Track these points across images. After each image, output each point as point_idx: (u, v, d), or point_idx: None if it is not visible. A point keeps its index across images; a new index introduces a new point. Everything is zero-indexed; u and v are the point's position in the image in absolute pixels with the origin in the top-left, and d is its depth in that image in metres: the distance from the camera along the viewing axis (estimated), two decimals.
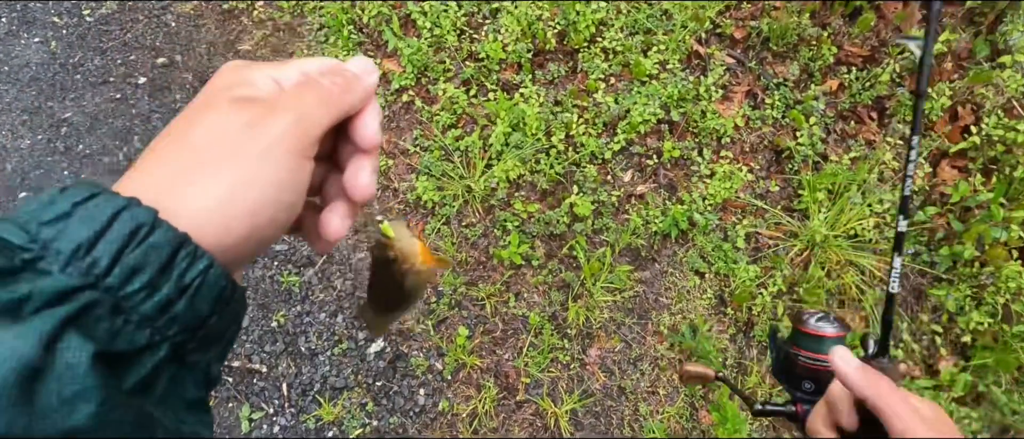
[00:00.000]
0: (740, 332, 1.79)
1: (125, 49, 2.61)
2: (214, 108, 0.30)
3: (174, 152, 0.28)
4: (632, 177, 2.01)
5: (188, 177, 0.27)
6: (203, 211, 0.27)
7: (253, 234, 0.28)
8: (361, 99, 0.33)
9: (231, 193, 0.27)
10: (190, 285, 0.25)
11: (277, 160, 0.29)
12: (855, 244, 1.84)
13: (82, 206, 0.24)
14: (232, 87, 0.31)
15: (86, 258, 0.23)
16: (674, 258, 1.89)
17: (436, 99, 2.21)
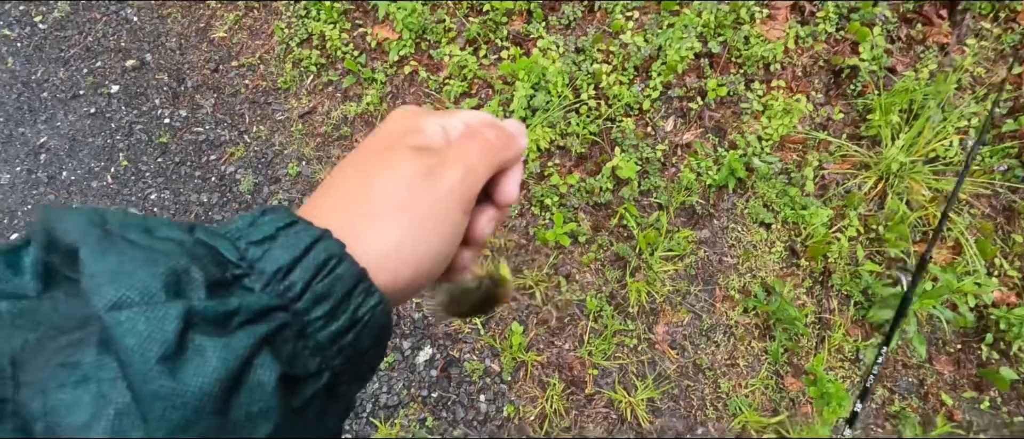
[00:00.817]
0: (817, 283, 1.64)
1: (89, 55, 2.35)
2: (396, 153, 0.31)
3: (359, 192, 0.30)
4: (675, 125, 1.79)
5: (370, 220, 0.29)
6: (379, 255, 0.28)
7: (413, 283, 0.30)
8: (515, 157, 0.35)
9: (403, 242, 0.29)
10: (361, 319, 0.27)
11: (445, 215, 0.30)
12: (936, 168, 1.64)
13: (285, 231, 0.26)
14: (408, 134, 0.32)
15: (284, 281, 0.25)
16: (735, 211, 1.70)
17: (441, 65, 1.96)
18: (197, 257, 0.23)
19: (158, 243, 0.23)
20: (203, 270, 0.23)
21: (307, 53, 2.08)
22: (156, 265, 0.22)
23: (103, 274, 0.21)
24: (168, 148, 2.12)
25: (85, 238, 0.22)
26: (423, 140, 0.32)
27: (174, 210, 2.01)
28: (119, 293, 0.21)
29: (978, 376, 1.59)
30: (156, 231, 0.24)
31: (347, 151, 1.98)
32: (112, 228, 0.23)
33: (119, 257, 0.21)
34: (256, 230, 0.26)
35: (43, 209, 0.24)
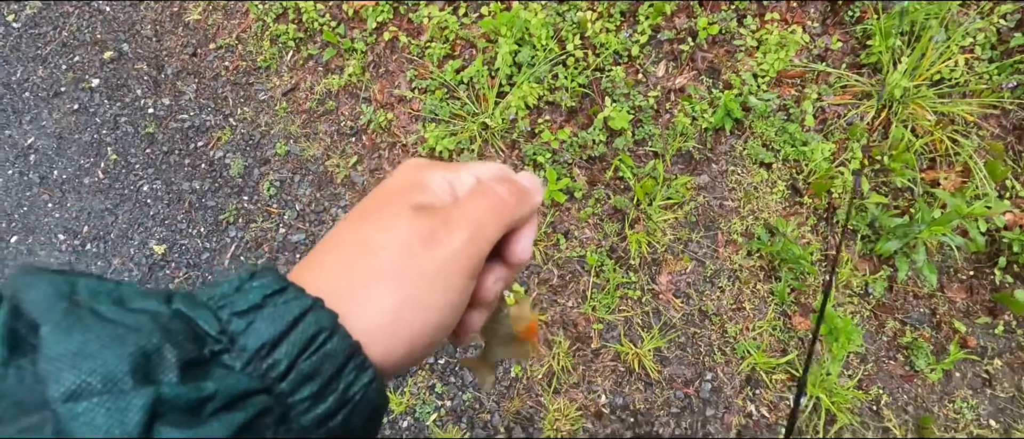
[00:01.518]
0: (822, 220, 1.59)
1: (66, 51, 2.30)
2: (395, 215, 0.29)
3: (354, 255, 0.27)
4: (667, 70, 1.73)
5: (366, 287, 0.26)
6: (374, 326, 0.26)
7: (410, 355, 0.27)
8: (529, 214, 0.32)
9: (401, 312, 0.27)
10: (351, 399, 0.24)
11: (447, 282, 0.28)
12: (941, 91, 1.57)
13: (272, 299, 0.24)
14: (410, 190, 0.30)
15: (268, 358, 0.23)
16: (733, 154, 1.65)
17: (422, 29, 1.90)
18: (172, 332, 0.21)
19: (130, 316, 0.21)
20: (177, 348, 0.21)
21: (284, 28, 2.02)
22: (124, 344, 0.20)
23: (64, 357, 0.19)
24: (155, 138, 2.09)
25: (49, 313, 0.20)
26: (427, 198, 0.30)
27: (167, 200, 2.00)
28: (79, 379, 0.18)
29: (992, 301, 1.56)
30: (129, 302, 0.22)
31: (333, 126, 1.94)
32: (81, 299, 0.21)
33: (83, 336, 0.19)
34: (242, 297, 0.24)
35: (15, 272, 0.22)
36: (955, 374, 1.51)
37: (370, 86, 1.92)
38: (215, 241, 1.90)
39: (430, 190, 0.30)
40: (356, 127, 1.91)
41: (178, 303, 0.23)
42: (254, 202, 1.92)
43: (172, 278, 1.88)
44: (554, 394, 1.55)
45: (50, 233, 2.06)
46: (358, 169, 1.87)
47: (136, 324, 0.20)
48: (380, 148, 1.87)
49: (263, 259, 1.83)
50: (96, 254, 1.99)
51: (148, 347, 0.20)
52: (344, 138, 1.92)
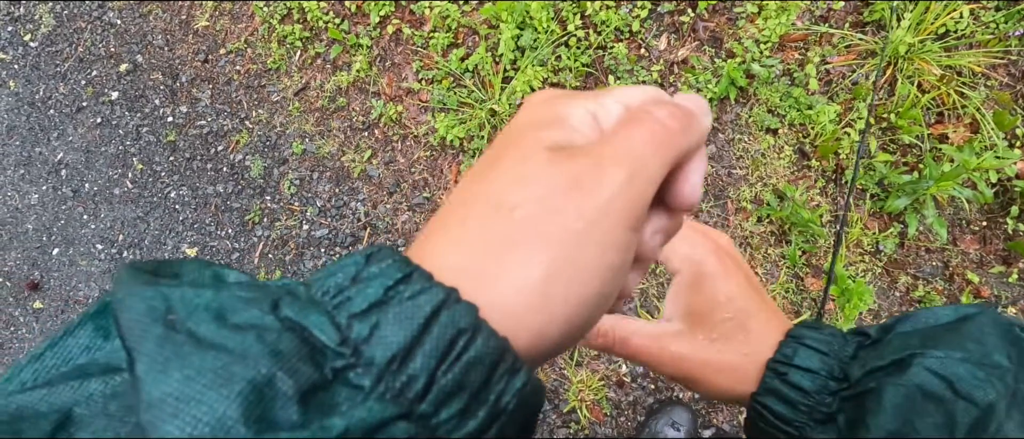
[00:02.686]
0: (830, 182, 1.62)
1: (83, 66, 2.38)
2: (530, 157, 0.23)
3: (485, 217, 0.22)
4: (669, 43, 1.74)
5: (503, 256, 0.21)
6: (520, 308, 0.21)
7: (567, 337, 0.22)
8: (697, 143, 0.26)
9: (551, 285, 0.21)
10: (505, 409, 0.20)
11: (605, 239, 0.22)
12: (946, 44, 1.57)
13: (395, 292, 0.20)
14: (544, 127, 0.24)
15: (400, 374, 0.18)
16: (739, 122, 1.67)
17: (424, 19, 1.93)
18: (284, 353, 0.18)
19: (233, 337, 0.18)
20: (292, 375, 0.17)
21: (290, 29, 2.06)
22: (231, 380, 0.16)
23: (164, 403, 0.16)
24: (177, 146, 2.16)
25: (142, 342, 0.17)
26: (566, 135, 0.24)
27: (194, 205, 2.08)
28: (185, 432, 0.16)
29: (1005, 250, 1.57)
30: (231, 314, 0.18)
31: (345, 122, 1.99)
32: (176, 318, 0.18)
33: (183, 371, 0.16)
34: (359, 291, 0.20)
35: (118, 277, 0.20)
36: None
37: (378, 80, 1.96)
38: (243, 241, 1.99)
39: (569, 125, 0.25)
40: (368, 122, 1.96)
41: (286, 309, 0.19)
42: (276, 201, 1.99)
43: None
44: (577, 367, 1.62)
45: (88, 243, 2.16)
46: (373, 163, 1.93)
47: (242, 349, 0.17)
48: (392, 141, 1.93)
49: (290, 256, 1.92)
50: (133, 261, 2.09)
51: (259, 380, 0.17)
52: (357, 133, 1.97)
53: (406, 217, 1.85)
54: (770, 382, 0.39)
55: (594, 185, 0.22)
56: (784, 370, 0.39)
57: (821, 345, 0.39)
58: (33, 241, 2.24)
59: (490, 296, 0.21)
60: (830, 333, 0.40)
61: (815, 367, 0.38)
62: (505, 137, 0.25)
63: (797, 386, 0.38)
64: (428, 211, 1.83)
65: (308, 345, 0.18)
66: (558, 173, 0.22)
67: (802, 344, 0.39)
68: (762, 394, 0.40)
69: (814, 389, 0.38)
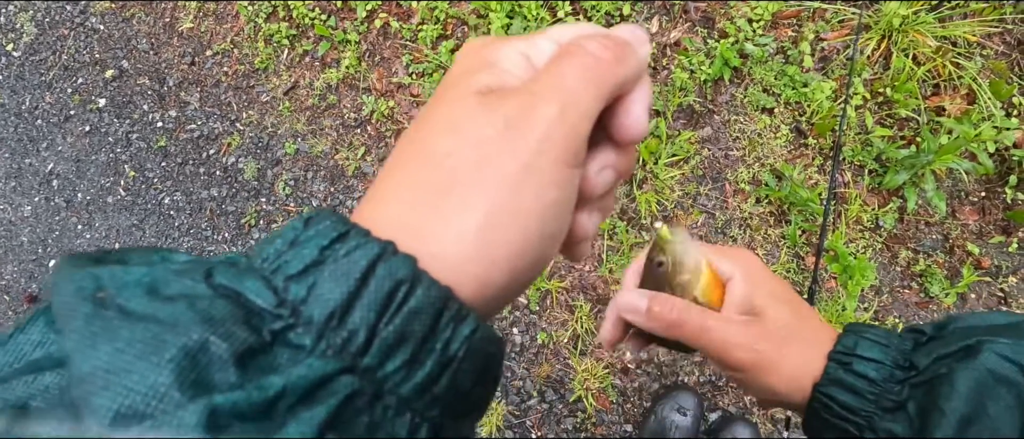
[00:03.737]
0: (828, 159, 1.61)
1: (68, 74, 2.34)
2: (459, 104, 0.23)
3: (418, 168, 0.22)
4: (661, 25, 1.72)
5: (439, 206, 0.21)
6: (461, 256, 0.21)
7: (514, 282, 0.22)
8: (634, 74, 0.25)
9: (489, 233, 0.21)
10: (455, 356, 0.20)
11: (542, 178, 0.22)
12: (940, 15, 1.55)
13: (331, 251, 0.19)
14: (474, 72, 0.24)
15: (341, 330, 0.18)
16: (734, 103, 1.66)
17: (412, 12, 1.90)
18: (216, 318, 0.17)
19: (163, 308, 0.17)
20: (227, 338, 0.17)
21: (276, 27, 2.03)
22: (161, 348, 0.16)
23: (94, 376, 0.16)
24: (168, 151, 2.14)
25: (71, 321, 0.17)
26: (496, 79, 0.23)
27: (189, 210, 2.06)
28: (115, 402, 0.15)
29: (1005, 219, 1.57)
30: (163, 287, 0.18)
31: (337, 120, 1.97)
32: (106, 295, 0.18)
33: (112, 345, 0.16)
34: (296, 254, 0.19)
35: (57, 265, 0.20)
36: (970, 295, 1.54)
37: (368, 76, 1.94)
38: (241, 244, 1.97)
39: (500, 67, 0.24)
40: (360, 118, 1.94)
41: (219, 276, 0.19)
42: (272, 203, 1.98)
43: None
44: (581, 356, 1.62)
45: None
46: (367, 160, 1.91)
47: (173, 318, 0.17)
48: (386, 136, 1.91)
49: None
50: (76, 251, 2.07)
51: (190, 346, 0.16)
52: (350, 130, 1.95)
53: None
54: (834, 372, 0.40)
55: (525, 124, 0.22)
56: (847, 360, 0.40)
57: (880, 338, 0.40)
58: (28, 253, 2.22)
59: (429, 247, 0.20)
60: (885, 330, 0.42)
61: (879, 357, 0.39)
62: (441, 88, 0.25)
63: (863, 375, 0.39)
64: None
65: (244, 309, 0.18)
66: (488, 116, 0.22)
67: (862, 337, 0.40)
68: (826, 384, 0.40)
69: (881, 378, 0.39)
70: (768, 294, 0.44)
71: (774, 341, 0.42)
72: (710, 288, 0.43)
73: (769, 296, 0.44)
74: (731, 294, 0.45)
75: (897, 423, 0.37)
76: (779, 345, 0.42)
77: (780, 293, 0.45)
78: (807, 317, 0.45)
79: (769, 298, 0.44)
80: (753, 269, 0.45)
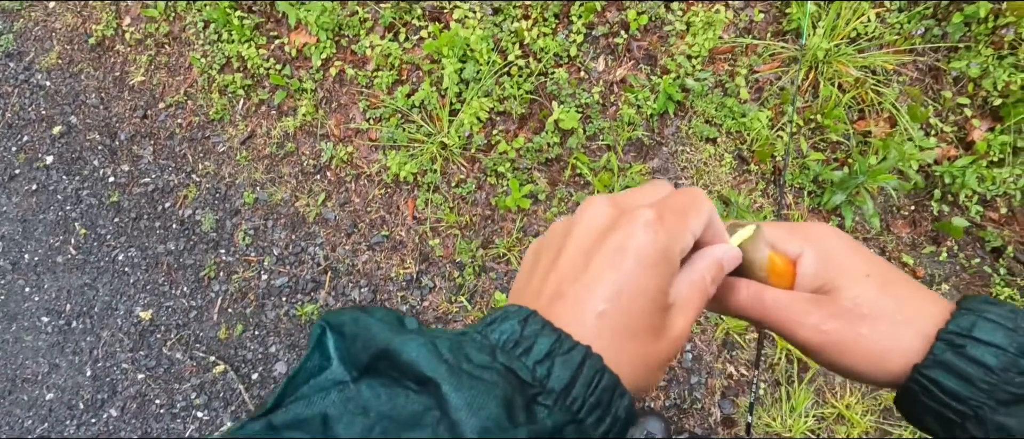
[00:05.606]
0: (770, 183, 1.70)
1: (12, 132, 2.29)
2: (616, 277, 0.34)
3: (614, 316, 0.33)
4: (606, 64, 1.81)
5: (622, 344, 0.32)
6: (628, 370, 0.32)
7: (650, 384, 0.35)
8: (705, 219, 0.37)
9: (647, 360, 0.33)
10: (619, 417, 0.31)
11: (679, 323, 0.35)
12: (859, 47, 1.68)
13: (558, 348, 0.30)
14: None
15: (568, 397, 0.29)
16: (680, 134, 1.75)
17: (367, 59, 1.94)
18: (511, 384, 0.28)
19: (487, 373, 0.28)
20: (520, 395, 0.28)
21: (230, 78, 2.04)
22: (495, 396, 0.27)
23: (464, 408, 0.26)
24: (121, 206, 2.10)
25: (438, 371, 0.27)
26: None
27: (145, 265, 2.02)
28: (481, 423, 0.26)
29: (934, 231, 1.69)
30: (473, 357, 0.29)
31: (296, 167, 1.98)
32: (450, 360, 0.28)
33: (470, 392, 0.27)
34: (534, 346, 0.30)
35: (363, 320, 0.30)
36: None
37: (325, 122, 1.96)
38: (200, 298, 1.94)
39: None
40: (319, 165, 1.96)
41: (502, 358, 0.29)
42: (232, 254, 1.96)
43: (164, 341, 1.92)
44: None
45: (32, 317, 2.07)
46: (328, 205, 1.92)
47: (493, 379, 0.27)
48: (346, 181, 1.92)
49: (250, 308, 1.88)
50: (84, 330, 2.01)
51: (508, 396, 0.27)
52: (309, 177, 1.96)
53: (366, 257, 1.85)
54: (941, 354, 0.36)
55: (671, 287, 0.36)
56: (962, 342, 0.35)
57: (1005, 319, 0.35)
58: None
59: (610, 360, 0.32)
60: (1011, 308, 0.37)
61: (1001, 342, 0.35)
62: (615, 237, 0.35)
63: (978, 361, 0.35)
64: (388, 249, 1.83)
65: (518, 379, 0.29)
66: (648, 280, 0.34)
67: (983, 316, 0.36)
68: (930, 366, 0.36)
69: (1001, 366, 0.34)
70: (845, 270, 0.40)
71: (846, 319, 0.38)
72: (777, 272, 0.40)
73: (845, 273, 0.40)
74: (800, 272, 0.41)
75: (1013, 417, 0.33)
76: (853, 324, 0.38)
77: (861, 268, 0.40)
78: (903, 294, 0.39)
79: (845, 275, 0.40)
80: (829, 245, 0.41)
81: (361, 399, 0.27)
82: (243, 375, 1.83)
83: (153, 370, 1.90)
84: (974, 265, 1.64)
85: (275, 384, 1.79)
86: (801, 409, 1.54)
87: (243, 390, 1.80)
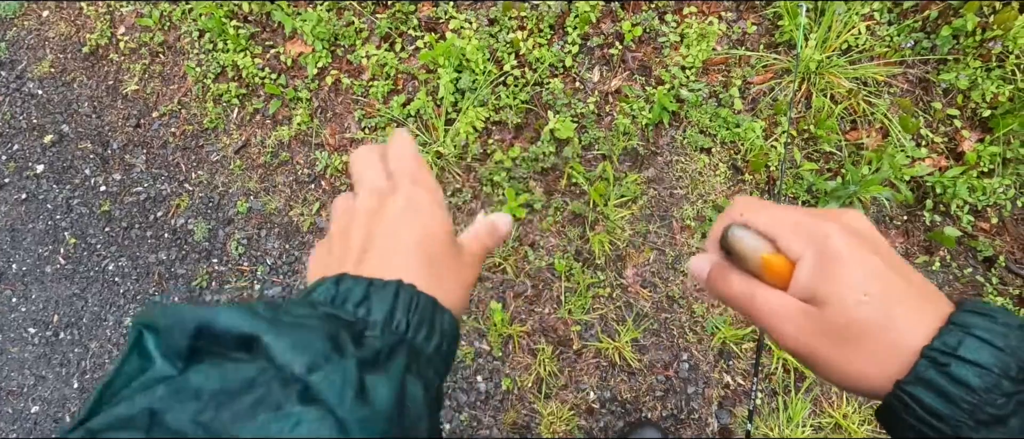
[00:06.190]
0: (764, 193, 1.71)
1: (2, 141, 2.26)
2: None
3: (416, 253, 0.40)
4: (602, 74, 1.82)
5: (429, 272, 0.39)
6: (441, 293, 0.37)
7: (463, 301, 0.42)
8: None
9: (455, 281, 0.41)
10: (446, 331, 0.35)
11: (469, 251, 0.45)
12: (850, 59, 1.70)
13: (372, 289, 0.34)
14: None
15: (392, 323, 0.32)
16: (674, 144, 1.76)
17: (362, 68, 1.95)
18: (336, 323, 0.31)
19: (308, 320, 0.30)
20: (346, 330, 0.30)
21: (225, 87, 2.04)
22: (319, 334, 0.29)
23: (289, 349, 0.27)
24: (112, 215, 2.08)
25: (258, 326, 0.28)
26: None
27: (135, 275, 1.99)
28: (309, 360, 0.27)
29: (927, 240, 1.70)
30: (292, 310, 0.30)
31: (290, 176, 1.97)
32: (267, 316, 0.29)
33: (293, 335, 0.28)
34: (351, 294, 0.33)
35: (158, 308, 0.30)
36: None
37: (320, 131, 1.96)
38: None
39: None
40: (314, 174, 1.95)
41: (322, 309, 0.32)
42: (224, 263, 1.94)
43: None
44: (546, 399, 1.63)
45: (19, 329, 2.03)
46: (322, 215, 1.91)
47: (315, 324, 0.29)
48: (341, 190, 1.91)
49: None
50: (71, 341, 1.97)
51: (332, 333, 0.29)
52: (304, 186, 1.95)
53: None
54: (924, 372, 0.34)
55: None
56: (945, 361, 0.34)
57: (995, 337, 0.34)
58: None
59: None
60: (1005, 322, 0.35)
61: (986, 362, 0.33)
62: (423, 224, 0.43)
63: (961, 381, 0.33)
64: None
65: (342, 320, 0.31)
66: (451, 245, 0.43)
67: (970, 333, 0.34)
68: (912, 383, 0.35)
69: (983, 387, 0.33)
70: (842, 286, 0.36)
71: (832, 338, 0.37)
72: (773, 271, 0.39)
73: (841, 289, 0.36)
74: (795, 276, 0.38)
75: (992, 436, 0.33)
76: (839, 344, 0.36)
77: (860, 285, 0.36)
78: (898, 312, 0.36)
79: (840, 292, 0.36)
80: (834, 251, 0.37)
81: (190, 386, 0.26)
82: None
83: None
84: (967, 275, 1.65)
85: None
86: (798, 419, 1.54)
87: None
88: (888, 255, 0.38)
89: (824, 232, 0.38)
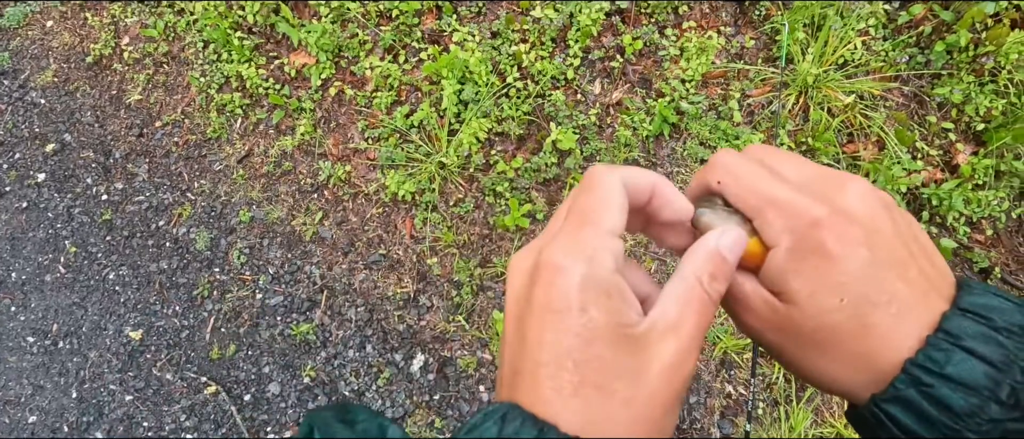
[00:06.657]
0: None
1: (4, 150, 2.27)
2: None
3: (571, 379, 0.29)
4: (603, 87, 1.85)
5: (597, 404, 0.29)
6: (624, 425, 0.29)
7: (665, 427, 0.31)
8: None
9: (639, 409, 0.29)
10: None
11: (667, 349, 0.30)
12: (847, 73, 1.74)
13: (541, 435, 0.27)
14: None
15: None
16: (675, 156, 1.78)
17: (366, 80, 1.97)
18: None
19: None
20: None
21: (229, 97, 2.05)
22: None
23: None
24: (113, 224, 2.08)
25: None
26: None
27: (136, 284, 1.99)
28: None
29: None
30: None
31: (293, 185, 1.98)
32: None
33: None
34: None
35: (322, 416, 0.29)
36: None
37: (323, 142, 1.97)
38: (192, 317, 1.91)
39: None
40: (316, 184, 1.96)
41: None
42: (226, 273, 1.94)
43: (154, 361, 1.88)
44: None
45: (17, 337, 2.02)
46: (325, 224, 1.92)
47: None
48: (343, 200, 1.93)
49: (244, 328, 1.86)
50: (70, 351, 1.97)
51: None
52: (306, 196, 1.96)
53: (363, 276, 1.84)
54: (904, 390, 0.30)
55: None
56: (929, 381, 0.29)
57: (990, 347, 0.29)
58: None
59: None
60: (1007, 323, 0.29)
61: (975, 382, 0.28)
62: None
63: (943, 403, 0.29)
64: (385, 268, 1.83)
65: None
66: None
67: (959, 346, 0.29)
68: (889, 401, 0.30)
69: (966, 411, 0.28)
70: (814, 282, 0.31)
71: (799, 342, 0.32)
72: (748, 254, 0.33)
73: (814, 285, 0.31)
74: (766, 266, 0.33)
75: None
76: (803, 346, 0.32)
77: (836, 290, 0.31)
78: (876, 320, 0.31)
79: (813, 288, 0.31)
80: (811, 242, 0.31)
81: None
82: (235, 396, 1.79)
83: (142, 391, 1.86)
84: None
85: (267, 405, 1.76)
86: (800, 429, 1.55)
87: (235, 412, 1.77)
88: (884, 243, 0.31)
89: (809, 218, 0.31)
